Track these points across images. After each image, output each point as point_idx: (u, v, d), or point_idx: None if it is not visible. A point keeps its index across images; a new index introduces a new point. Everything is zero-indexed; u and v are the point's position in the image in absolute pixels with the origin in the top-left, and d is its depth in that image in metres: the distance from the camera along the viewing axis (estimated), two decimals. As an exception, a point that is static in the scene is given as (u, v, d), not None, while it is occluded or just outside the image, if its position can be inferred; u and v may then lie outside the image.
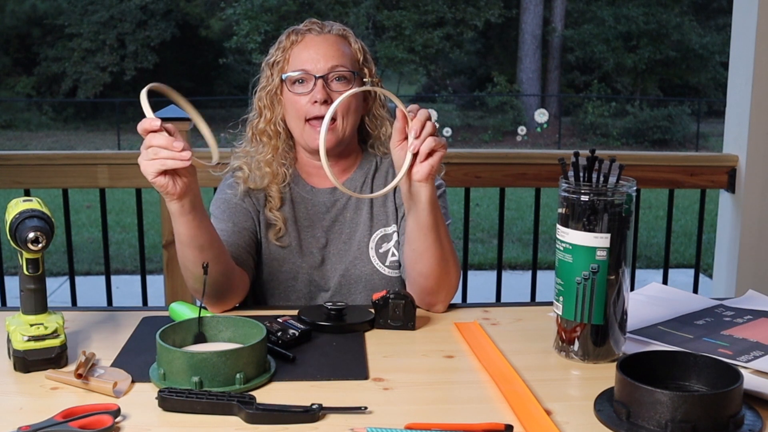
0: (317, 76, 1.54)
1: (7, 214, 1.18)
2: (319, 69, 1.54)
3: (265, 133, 1.62)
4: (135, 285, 3.33)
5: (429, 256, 1.42)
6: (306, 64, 1.55)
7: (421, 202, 1.37)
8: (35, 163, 2.71)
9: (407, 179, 1.36)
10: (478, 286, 4.21)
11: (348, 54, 1.58)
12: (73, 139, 14.99)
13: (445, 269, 1.44)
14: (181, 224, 1.34)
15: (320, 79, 1.54)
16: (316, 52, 1.55)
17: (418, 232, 1.41)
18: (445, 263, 1.44)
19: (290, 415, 1.02)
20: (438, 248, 1.42)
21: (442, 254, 1.43)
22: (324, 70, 1.54)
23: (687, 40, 17.62)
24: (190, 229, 1.34)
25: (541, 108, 16.06)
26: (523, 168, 2.72)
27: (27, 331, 1.17)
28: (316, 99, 1.53)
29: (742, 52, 2.76)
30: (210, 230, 1.38)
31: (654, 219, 7.72)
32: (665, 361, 1.09)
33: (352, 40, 1.61)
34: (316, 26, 1.59)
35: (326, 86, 1.54)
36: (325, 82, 1.54)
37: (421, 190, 1.36)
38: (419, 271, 1.44)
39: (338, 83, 1.55)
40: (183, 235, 1.35)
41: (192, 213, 1.32)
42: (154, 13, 17.79)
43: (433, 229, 1.40)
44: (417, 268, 1.44)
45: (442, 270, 1.43)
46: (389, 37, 17.52)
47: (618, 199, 1.17)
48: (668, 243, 2.97)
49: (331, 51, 1.56)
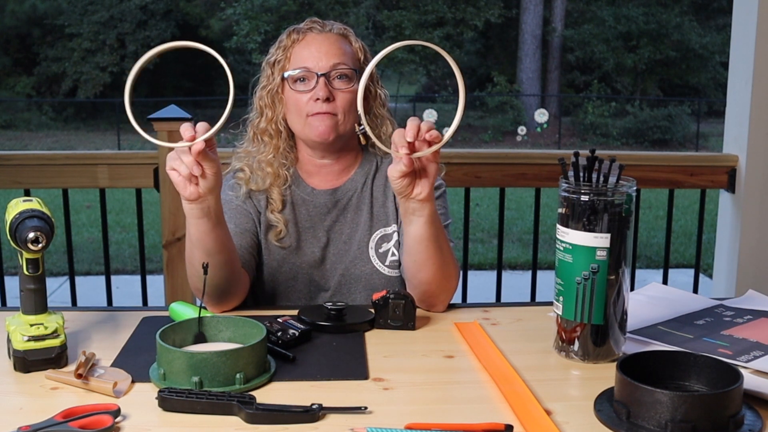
0: (319, 73, 1.54)
1: (7, 214, 1.18)
2: (320, 67, 1.55)
3: (266, 132, 1.63)
4: (135, 285, 3.33)
5: (431, 265, 1.42)
6: (307, 62, 1.55)
7: (423, 217, 1.37)
8: (35, 163, 2.71)
9: (406, 198, 1.36)
10: (478, 286, 4.21)
11: (349, 52, 1.58)
12: (73, 139, 14.99)
13: (446, 274, 1.44)
14: (192, 225, 1.35)
15: (322, 76, 1.54)
16: (317, 50, 1.56)
17: (419, 244, 1.40)
18: (446, 268, 1.44)
19: (290, 415, 1.02)
20: (439, 257, 1.42)
21: (443, 261, 1.43)
22: (326, 67, 1.55)
23: (687, 40, 17.61)
24: (198, 232, 1.35)
25: (541, 108, 16.06)
26: (523, 168, 2.72)
27: (27, 331, 1.17)
28: (318, 96, 1.53)
29: (742, 52, 2.76)
30: (221, 238, 1.38)
31: (654, 219, 7.72)
32: (665, 361, 1.09)
33: (352, 39, 1.62)
34: (317, 25, 1.60)
35: (328, 84, 1.54)
36: (327, 80, 1.54)
37: (423, 207, 1.36)
38: (420, 279, 1.44)
39: (340, 81, 1.56)
40: (192, 236, 1.36)
41: (204, 218, 1.33)
42: (154, 13, 17.79)
43: (434, 240, 1.40)
44: (418, 276, 1.44)
45: (442, 276, 1.44)
46: (389, 37, 17.50)
47: (618, 199, 1.17)
48: (668, 243, 2.97)
49: (333, 49, 1.56)
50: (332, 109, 1.54)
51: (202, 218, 1.33)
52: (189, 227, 1.36)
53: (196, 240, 1.36)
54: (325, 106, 1.53)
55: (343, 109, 1.55)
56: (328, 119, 1.54)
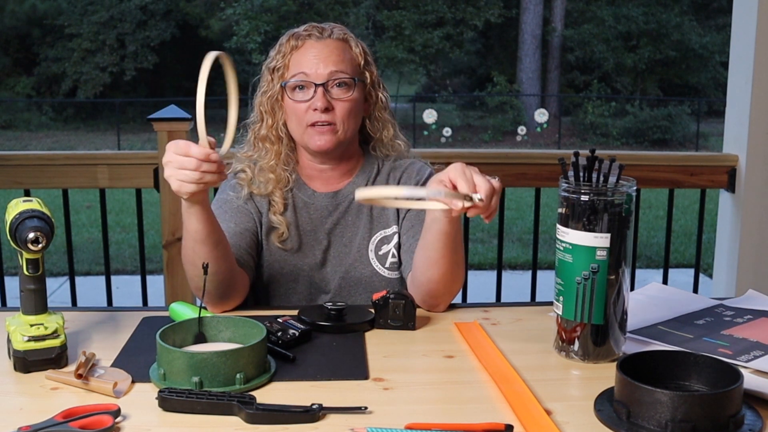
0: (317, 83, 1.53)
1: (7, 214, 1.18)
2: (319, 76, 1.53)
3: (267, 139, 1.62)
4: (135, 285, 3.33)
5: (444, 263, 1.41)
6: (306, 70, 1.54)
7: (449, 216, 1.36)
8: (35, 163, 2.72)
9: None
10: (478, 286, 4.22)
11: (348, 59, 1.57)
12: (73, 139, 14.98)
13: (454, 276, 1.44)
14: (195, 218, 1.34)
15: (320, 86, 1.53)
16: (315, 57, 1.54)
17: (438, 241, 1.39)
18: (456, 270, 1.44)
19: (290, 415, 1.02)
20: (452, 257, 1.42)
21: (454, 262, 1.43)
22: (324, 77, 1.53)
23: (687, 39, 17.61)
24: (201, 222, 1.34)
25: (541, 108, 16.07)
26: (523, 168, 2.72)
27: (27, 332, 1.17)
28: (316, 107, 1.52)
29: (742, 52, 2.76)
30: (216, 225, 1.39)
31: (654, 219, 7.72)
32: (665, 361, 1.09)
33: (353, 43, 1.60)
34: (316, 31, 1.58)
35: (326, 93, 1.53)
36: (326, 89, 1.53)
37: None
38: (429, 277, 1.44)
39: (339, 90, 1.54)
40: (198, 232, 1.35)
41: (202, 204, 1.33)
42: (154, 13, 17.79)
43: (454, 238, 1.40)
44: (427, 274, 1.44)
45: (451, 277, 1.43)
46: (389, 37, 17.52)
47: (618, 199, 1.17)
48: (668, 243, 2.97)
49: (332, 57, 1.55)
50: (331, 119, 1.53)
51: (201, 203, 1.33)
52: (193, 223, 1.35)
53: (203, 234, 1.35)
54: (324, 116, 1.52)
55: (341, 119, 1.54)
56: (327, 132, 1.53)
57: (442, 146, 13.89)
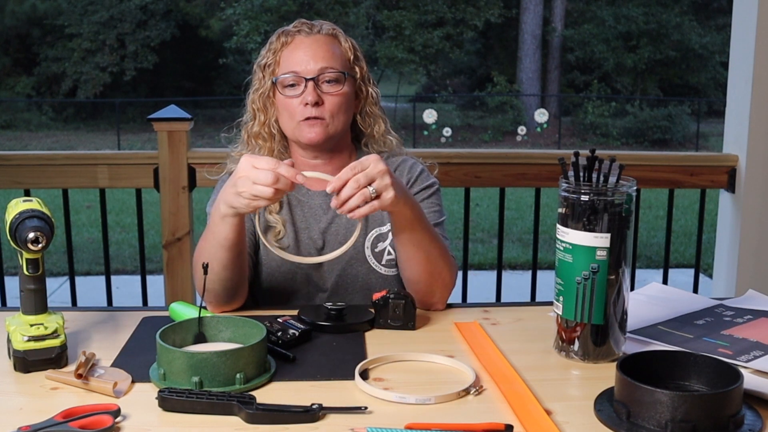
0: (307, 78, 1.55)
1: (7, 214, 1.18)
2: (309, 71, 1.55)
3: (260, 136, 1.64)
4: (135, 285, 3.33)
5: (414, 264, 1.46)
6: (296, 66, 1.56)
7: (396, 222, 1.41)
8: (35, 163, 2.71)
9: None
10: (478, 286, 4.21)
11: (338, 54, 1.59)
12: (73, 139, 14.98)
13: (433, 272, 1.46)
14: (230, 227, 1.36)
15: (311, 81, 1.54)
16: (305, 53, 1.56)
17: (398, 245, 1.47)
18: (433, 267, 1.46)
19: (290, 415, 1.02)
20: (421, 257, 1.45)
21: (427, 260, 1.45)
22: (314, 72, 1.55)
23: (687, 40, 17.60)
24: (234, 232, 1.37)
25: (541, 108, 16.05)
26: (523, 168, 2.72)
27: (27, 331, 1.17)
28: (307, 101, 1.54)
29: (742, 52, 2.76)
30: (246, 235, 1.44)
31: (654, 219, 7.72)
32: (665, 361, 1.09)
33: (342, 39, 1.62)
34: (306, 27, 1.60)
35: (317, 88, 1.55)
36: (316, 84, 1.55)
37: (393, 213, 1.39)
38: (407, 278, 1.51)
39: (329, 85, 1.56)
40: (229, 240, 1.37)
41: (242, 215, 1.36)
42: (154, 13, 17.78)
43: (410, 242, 1.43)
44: (405, 275, 1.51)
45: (429, 275, 1.46)
46: (389, 37, 17.51)
47: (618, 199, 1.17)
48: (668, 243, 2.97)
49: (321, 52, 1.56)
50: (321, 113, 1.55)
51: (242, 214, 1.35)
52: (219, 227, 1.37)
53: (231, 241, 1.37)
54: (314, 111, 1.54)
55: (331, 113, 1.56)
56: (318, 125, 1.56)
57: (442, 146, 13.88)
